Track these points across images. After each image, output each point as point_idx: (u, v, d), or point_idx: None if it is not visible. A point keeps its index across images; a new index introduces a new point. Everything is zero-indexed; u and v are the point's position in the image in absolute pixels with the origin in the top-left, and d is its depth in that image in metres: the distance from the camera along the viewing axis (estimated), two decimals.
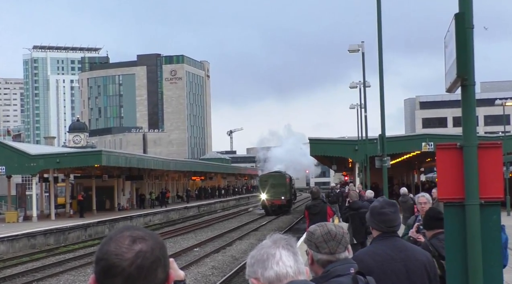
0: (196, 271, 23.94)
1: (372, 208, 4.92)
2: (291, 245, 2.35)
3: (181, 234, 40.02)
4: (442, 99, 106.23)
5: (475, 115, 5.49)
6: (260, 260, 2.27)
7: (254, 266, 2.30)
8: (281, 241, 2.35)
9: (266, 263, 2.25)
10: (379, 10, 19.03)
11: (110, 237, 1.84)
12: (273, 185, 57.13)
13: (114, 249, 1.79)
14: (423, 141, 40.05)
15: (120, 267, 1.77)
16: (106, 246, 1.81)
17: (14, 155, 44.23)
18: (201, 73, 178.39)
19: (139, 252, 1.78)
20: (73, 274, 24.45)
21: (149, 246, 1.80)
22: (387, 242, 4.72)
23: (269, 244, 2.33)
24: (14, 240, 32.72)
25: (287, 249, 2.32)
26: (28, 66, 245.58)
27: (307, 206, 16.64)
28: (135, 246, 1.79)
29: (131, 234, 1.82)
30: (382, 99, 18.28)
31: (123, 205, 58.31)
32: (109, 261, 1.78)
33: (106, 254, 1.79)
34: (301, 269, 2.31)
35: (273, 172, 64.66)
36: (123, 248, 1.79)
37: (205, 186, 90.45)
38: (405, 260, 4.64)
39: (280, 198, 56.97)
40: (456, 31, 5.35)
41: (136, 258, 1.77)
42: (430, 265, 4.78)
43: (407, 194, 19.81)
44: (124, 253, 1.78)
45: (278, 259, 2.27)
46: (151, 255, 1.80)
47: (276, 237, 2.39)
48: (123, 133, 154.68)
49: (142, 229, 1.87)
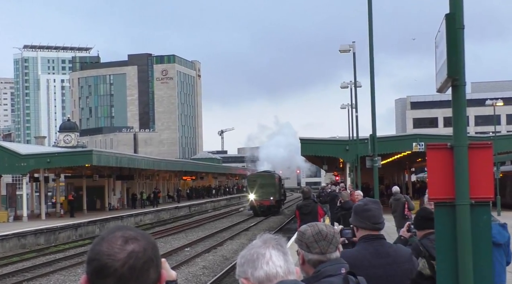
0: (187, 271, 23.91)
1: (356, 206, 4.95)
2: (281, 245, 2.35)
3: (172, 234, 39.97)
4: (433, 99, 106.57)
5: (465, 115, 5.50)
6: (250, 260, 2.27)
7: (244, 266, 2.29)
8: (271, 241, 2.35)
9: (256, 263, 2.25)
10: (370, 11, 19.06)
11: (102, 237, 1.83)
12: (262, 185, 55.68)
13: (106, 250, 1.78)
14: (414, 141, 40.15)
15: (113, 268, 1.76)
16: (98, 246, 1.80)
17: (4, 155, 44.03)
18: (192, 73, 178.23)
19: (131, 252, 1.78)
20: (63, 274, 24.36)
21: (141, 247, 1.80)
22: (370, 246, 4.72)
23: (259, 244, 2.33)
24: (4, 240, 32.57)
25: (277, 249, 2.31)
26: (18, 66, 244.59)
27: (298, 206, 16.67)
28: (128, 246, 1.79)
29: (123, 234, 1.82)
30: (373, 99, 18.32)
31: (113, 205, 58.16)
32: (101, 261, 1.77)
33: (98, 254, 1.78)
34: (291, 269, 2.30)
35: (262, 172, 63.54)
36: (115, 248, 1.78)
37: (196, 186, 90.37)
38: (385, 266, 4.64)
39: (269, 199, 55.45)
40: (447, 31, 5.37)
41: (129, 258, 1.77)
42: (412, 271, 4.81)
43: (398, 192, 19.75)
44: (116, 254, 1.77)
45: (268, 259, 2.27)
46: (144, 255, 1.79)
47: (266, 237, 2.39)
48: (114, 133, 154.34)
49: (134, 229, 1.86)
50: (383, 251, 4.73)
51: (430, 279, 5.88)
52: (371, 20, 18.89)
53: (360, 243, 4.82)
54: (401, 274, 4.69)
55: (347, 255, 4.80)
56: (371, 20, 18.87)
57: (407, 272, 4.75)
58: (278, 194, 57.84)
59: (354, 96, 35.66)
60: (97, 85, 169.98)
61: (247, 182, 61.98)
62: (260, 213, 53.84)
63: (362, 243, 4.78)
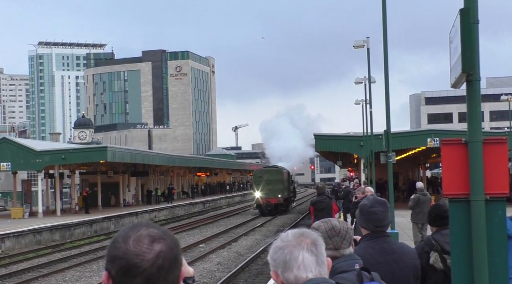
0: (201, 267, 23.99)
1: (362, 206, 4.88)
2: (316, 246, 2.28)
3: (187, 230, 40.12)
4: (448, 95, 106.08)
5: (480, 111, 5.47)
6: (282, 259, 2.24)
7: (276, 261, 2.27)
8: (306, 240, 2.28)
9: (287, 264, 2.23)
10: (384, 6, 18.97)
11: (127, 235, 1.81)
12: (269, 182, 51.06)
13: (134, 249, 1.77)
14: (429, 136, 40.04)
15: (142, 268, 1.76)
16: (124, 245, 1.79)
17: (19, 151, 44.36)
18: (206, 69, 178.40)
19: (159, 252, 1.78)
20: (78, 270, 24.53)
21: (168, 246, 1.81)
22: (375, 243, 4.71)
23: (293, 243, 2.27)
24: (20, 236, 32.85)
25: (311, 251, 2.26)
26: (33, 62, 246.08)
27: (313, 202, 16.65)
28: (155, 246, 1.79)
29: (149, 233, 1.81)
30: (387, 95, 18.24)
31: (128, 201, 58.46)
32: (130, 261, 1.77)
33: (125, 253, 1.78)
34: (322, 271, 2.26)
35: (269, 167, 59.78)
36: (143, 248, 1.77)
37: (210, 182, 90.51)
38: (391, 263, 4.64)
39: (277, 196, 50.79)
40: (461, 26, 5.34)
41: (157, 258, 1.77)
42: (417, 268, 4.82)
43: (423, 188, 19.24)
44: (145, 254, 1.77)
45: (300, 263, 2.23)
46: (170, 255, 1.80)
47: (301, 233, 2.31)
48: (129, 129, 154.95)
49: (157, 227, 1.86)
50: (389, 248, 4.73)
51: (442, 272, 5.93)
52: (385, 16, 18.80)
53: (364, 241, 4.80)
54: (407, 270, 4.70)
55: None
56: (385, 17, 18.77)
57: (412, 269, 4.77)
58: (286, 191, 53.43)
59: (368, 91, 35.53)
60: (112, 82, 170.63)
61: (253, 178, 57.73)
62: (267, 212, 50.14)
63: (366, 241, 4.76)
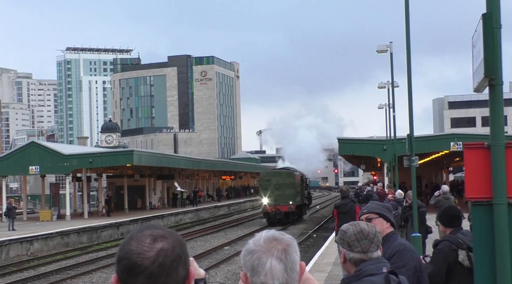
0: (226, 269, 24.12)
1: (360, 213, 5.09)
2: (286, 253, 2.17)
3: (212, 233, 40.27)
4: (471, 99, 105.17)
5: (502, 115, 5.52)
6: (250, 264, 2.20)
7: (245, 265, 2.22)
8: (277, 245, 2.18)
9: (255, 270, 2.18)
10: (407, 12, 18.91)
11: (131, 237, 1.86)
12: (278, 187, 43.64)
13: (135, 248, 1.82)
14: (452, 140, 39.90)
15: (143, 266, 1.80)
16: (127, 246, 1.83)
17: (48, 155, 44.94)
18: (231, 74, 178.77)
19: (160, 250, 1.82)
20: (105, 272, 24.80)
21: (169, 244, 1.84)
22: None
23: (263, 248, 2.18)
24: (48, 238, 33.29)
25: (280, 259, 2.16)
26: (61, 68, 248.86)
27: (336, 205, 16.69)
28: (156, 244, 1.82)
29: (151, 233, 1.86)
30: (410, 99, 18.17)
31: (154, 204, 58.82)
32: (131, 260, 1.81)
33: (127, 253, 1.82)
34: (290, 279, 2.17)
35: (279, 169, 51.44)
36: (144, 247, 1.82)
37: (235, 185, 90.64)
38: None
39: (288, 203, 43.29)
40: (484, 31, 5.39)
41: (158, 256, 1.80)
42: (421, 268, 4.91)
43: (448, 191, 19.13)
44: (145, 252, 1.81)
45: (267, 270, 2.15)
46: (172, 253, 1.83)
47: (274, 238, 2.21)
48: (154, 133, 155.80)
49: (162, 228, 1.91)
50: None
51: (466, 270, 5.92)
52: (408, 22, 18.75)
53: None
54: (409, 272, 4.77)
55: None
56: (408, 23, 18.72)
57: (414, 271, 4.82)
58: (300, 197, 45.70)
59: (391, 96, 35.41)
60: (138, 86, 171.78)
61: (259, 182, 49.12)
62: (276, 222, 42.88)
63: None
